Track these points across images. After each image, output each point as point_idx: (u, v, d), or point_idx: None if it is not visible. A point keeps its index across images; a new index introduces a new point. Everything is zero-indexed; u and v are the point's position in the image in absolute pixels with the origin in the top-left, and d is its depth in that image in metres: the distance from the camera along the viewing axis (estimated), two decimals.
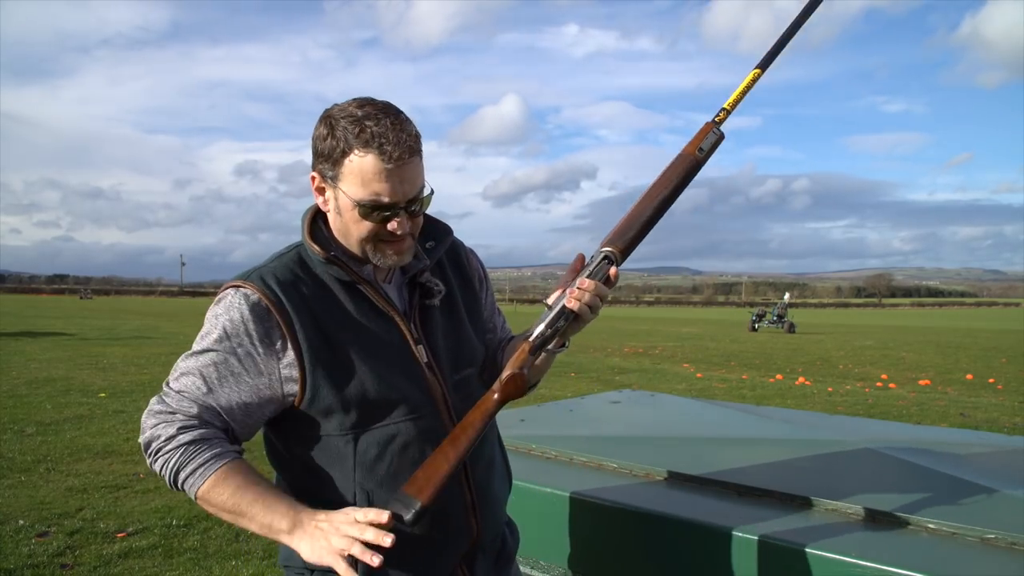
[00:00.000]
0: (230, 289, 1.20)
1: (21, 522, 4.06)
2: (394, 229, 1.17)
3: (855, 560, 1.24)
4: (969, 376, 12.82)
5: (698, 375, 12.48)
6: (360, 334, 1.22)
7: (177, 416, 1.16)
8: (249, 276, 1.21)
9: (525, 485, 1.69)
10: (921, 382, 11.93)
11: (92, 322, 25.54)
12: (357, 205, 1.16)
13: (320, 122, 1.18)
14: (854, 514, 1.46)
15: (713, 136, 1.24)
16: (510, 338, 1.46)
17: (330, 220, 1.25)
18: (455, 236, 1.43)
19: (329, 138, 1.15)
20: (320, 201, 1.23)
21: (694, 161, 1.24)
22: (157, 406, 1.18)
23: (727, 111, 1.25)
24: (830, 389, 10.74)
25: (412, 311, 1.28)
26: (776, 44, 1.26)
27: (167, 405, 1.17)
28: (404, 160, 1.13)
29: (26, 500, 4.47)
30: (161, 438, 1.15)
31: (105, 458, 5.59)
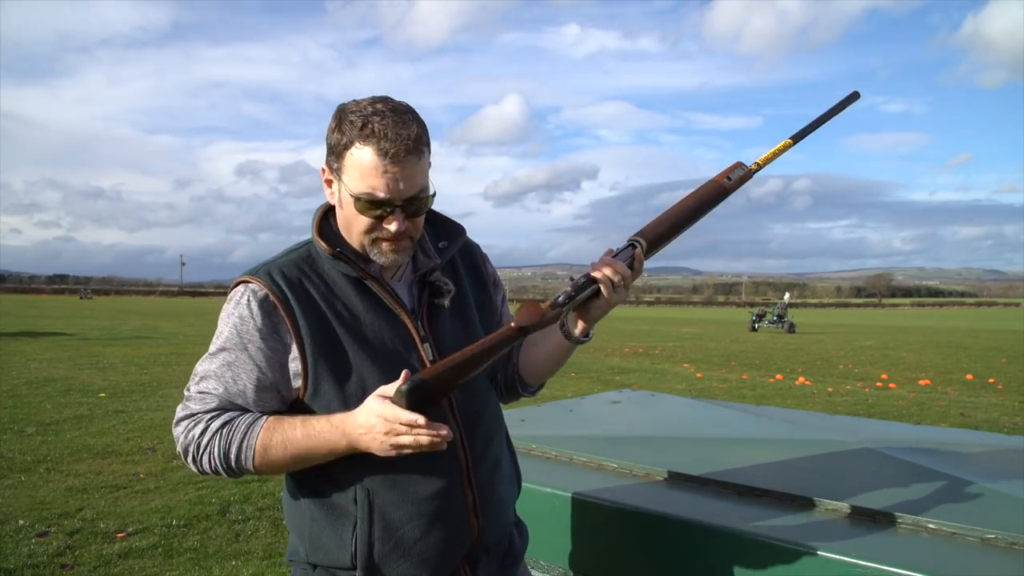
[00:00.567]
0: (239, 286, 1.23)
1: (21, 522, 4.06)
2: (390, 226, 1.19)
3: (855, 560, 1.24)
4: (969, 376, 12.82)
5: (698, 375, 12.48)
6: (364, 330, 1.23)
7: (202, 414, 1.21)
8: (257, 272, 1.23)
9: (525, 485, 1.69)
10: (921, 382, 11.93)
11: (92, 322, 25.54)
12: (354, 198, 1.18)
13: (333, 116, 1.20)
14: (854, 514, 1.46)
15: (743, 170, 1.37)
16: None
17: (336, 214, 1.27)
18: (471, 239, 1.45)
19: (336, 131, 1.18)
20: (328, 194, 1.27)
21: (723, 189, 1.35)
22: (182, 413, 1.23)
23: (760, 166, 1.38)
24: (830, 389, 10.74)
25: (420, 309, 1.29)
26: (811, 124, 1.42)
27: (190, 409, 1.22)
28: (400, 157, 1.15)
29: (26, 500, 4.47)
30: (195, 436, 1.20)
31: (105, 458, 5.59)
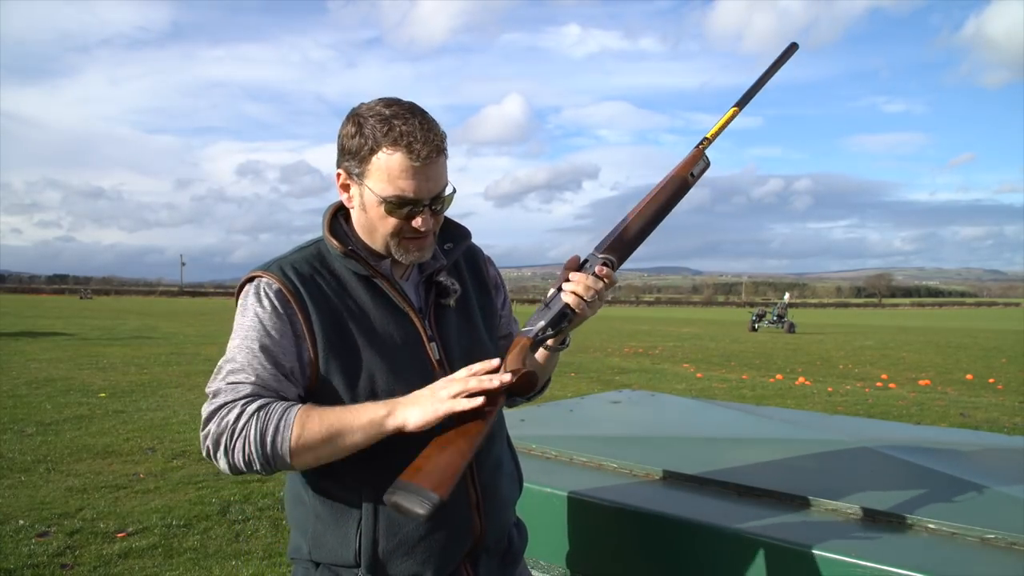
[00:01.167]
0: (252, 281, 1.23)
1: (21, 522, 4.06)
2: (418, 225, 1.20)
3: (855, 560, 1.25)
4: (969, 376, 12.82)
5: (698, 375, 12.49)
6: (373, 328, 1.24)
7: (235, 401, 1.14)
8: (270, 267, 1.24)
9: (525, 485, 1.69)
10: (921, 382, 11.93)
11: (92, 322, 25.54)
12: (383, 201, 1.18)
13: (348, 120, 1.20)
14: (854, 514, 1.46)
15: (703, 163, 1.33)
16: (506, 335, 1.48)
17: (354, 217, 1.28)
18: (475, 243, 1.46)
19: (357, 136, 1.17)
20: (345, 198, 1.26)
21: (684, 183, 1.32)
22: (211, 406, 1.16)
23: (709, 140, 1.33)
24: (830, 389, 10.74)
25: (428, 308, 1.30)
26: (752, 87, 1.36)
27: (220, 399, 1.16)
28: (432, 159, 1.16)
29: (26, 500, 4.47)
30: (229, 423, 1.12)
31: (105, 458, 5.59)
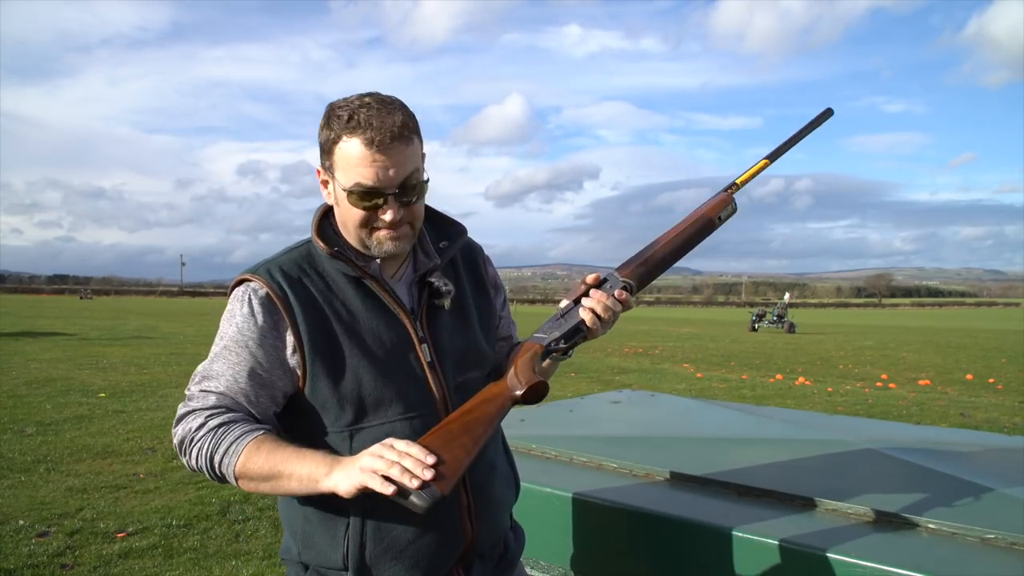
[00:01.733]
0: (240, 285, 1.23)
1: (21, 522, 4.06)
2: (385, 216, 1.19)
3: (855, 560, 1.25)
4: (969, 376, 12.82)
5: (698, 375, 12.48)
6: (362, 330, 1.22)
7: (202, 410, 1.19)
8: (257, 270, 1.23)
9: (525, 485, 1.69)
10: (921, 382, 11.93)
11: (92, 322, 25.53)
12: (348, 192, 1.18)
13: (323, 116, 1.21)
14: (854, 514, 1.46)
15: (730, 208, 1.36)
16: (517, 343, 1.45)
17: (335, 213, 1.27)
18: (473, 240, 1.44)
19: (325, 128, 1.19)
20: (325, 194, 1.26)
21: (711, 223, 1.35)
22: (182, 409, 1.21)
23: (737, 186, 1.36)
24: (830, 389, 10.74)
25: (419, 310, 1.28)
26: (785, 143, 1.39)
27: (190, 406, 1.21)
28: (386, 144, 1.15)
29: (26, 500, 4.47)
30: (191, 430, 1.18)
31: (105, 458, 5.59)
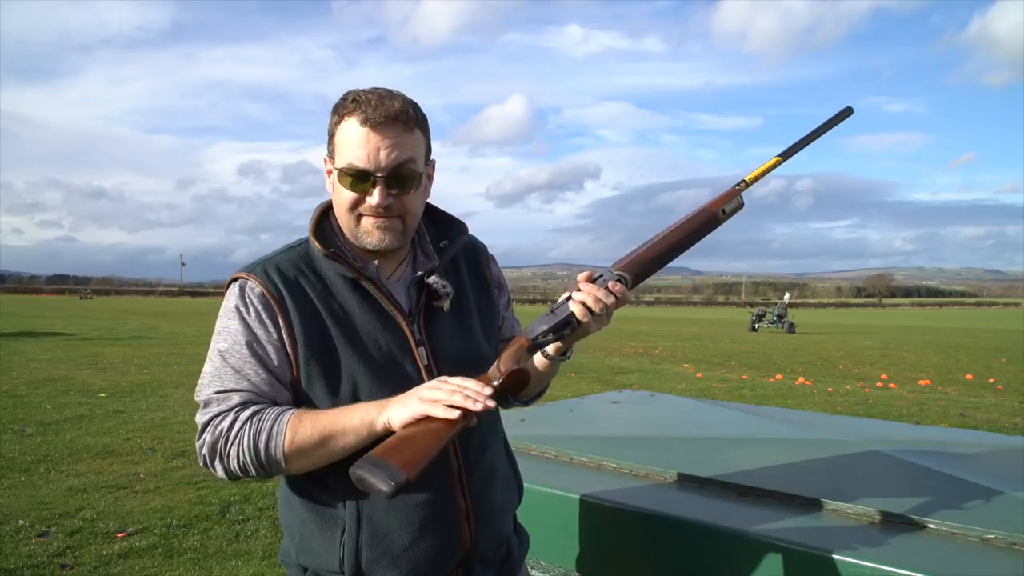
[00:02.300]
0: (235, 282, 1.22)
1: (21, 522, 4.06)
2: (371, 200, 1.17)
3: (855, 560, 1.24)
4: (969, 376, 12.81)
5: (698, 375, 12.48)
6: (358, 332, 1.20)
7: (227, 411, 1.16)
8: (253, 269, 1.22)
9: (525, 485, 1.69)
10: (921, 382, 11.93)
11: (92, 322, 25.53)
12: (341, 173, 1.18)
13: None
14: (854, 514, 1.46)
15: (736, 202, 1.26)
16: (507, 338, 1.42)
17: (333, 204, 1.26)
18: (476, 238, 1.41)
19: (332, 115, 1.19)
20: (328, 185, 1.25)
21: (714, 218, 1.25)
22: (203, 417, 1.17)
23: (747, 184, 1.27)
24: (830, 389, 10.74)
25: (417, 312, 1.26)
26: (799, 142, 1.29)
27: (211, 411, 1.17)
28: (381, 123, 1.14)
29: (26, 500, 4.47)
30: (223, 431, 1.14)
31: (105, 458, 5.59)
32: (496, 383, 1.15)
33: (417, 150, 1.19)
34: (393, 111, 1.15)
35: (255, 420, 1.14)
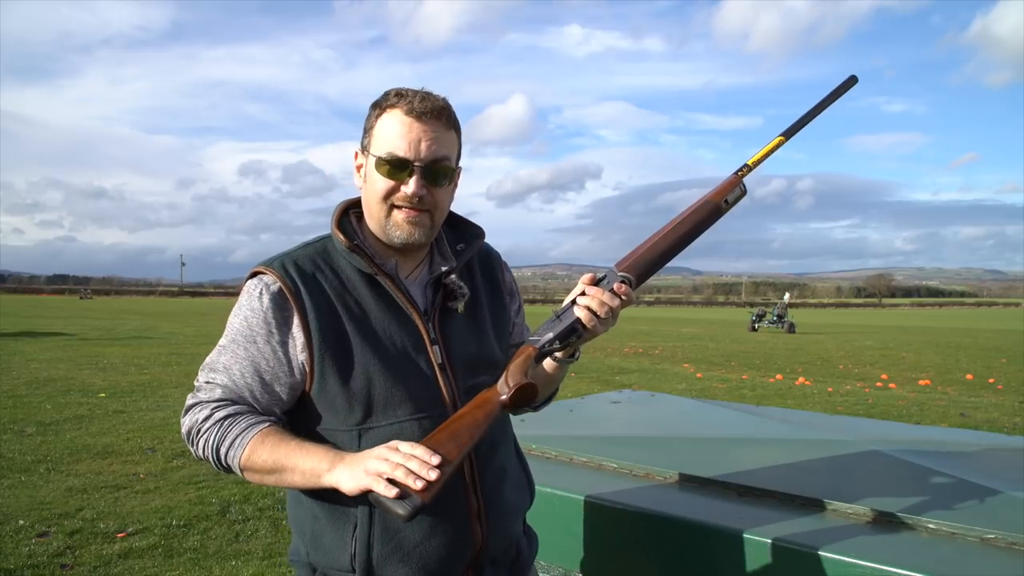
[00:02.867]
0: (254, 277, 1.24)
1: (21, 522, 4.06)
2: (407, 189, 1.19)
3: (855, 560, 1.25)
4: (969, 376, 12.82)
5: (698, 375, 12.49)
6: (374, 328, 1.22)
7: (208, 402, 1.21)
8: (271, 263, 1.23)
9: None
10: (921, 382, 11.93)
11: (92, 322, 25.54)
12: (379, 162, 1.20)
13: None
14: (854, 514, 1.47)
15: (738, 191, 1.25)
16: (515, 344, 1.42)
17: (362, 197, 1.27)
18: (491, 246, 1.43)
19: (373, 108, 1.23)
20: (357, 180, 1.28)
21: (717, 209, 1.24)
22: (190, 400, 1.24)
23: (749, 168, 1.25)
24: (830, 389, 10.74)
25: (433, 311, 1.27)
26: (802, 118, 1.26)
27: (198, 396, 1.23)
28: (426, 117, 1.18)
29: (26, 500, 4.47)
30: (198, 421, 1.20)
31: (105, 458, 5.59)
32: (504, 397, 1.16)
33: (452, 149, 1.24)
34: (437, 106, 1.20)
35: (224, 423, 1.18)
